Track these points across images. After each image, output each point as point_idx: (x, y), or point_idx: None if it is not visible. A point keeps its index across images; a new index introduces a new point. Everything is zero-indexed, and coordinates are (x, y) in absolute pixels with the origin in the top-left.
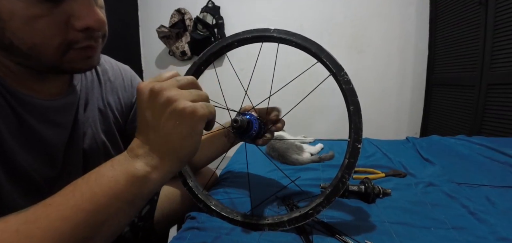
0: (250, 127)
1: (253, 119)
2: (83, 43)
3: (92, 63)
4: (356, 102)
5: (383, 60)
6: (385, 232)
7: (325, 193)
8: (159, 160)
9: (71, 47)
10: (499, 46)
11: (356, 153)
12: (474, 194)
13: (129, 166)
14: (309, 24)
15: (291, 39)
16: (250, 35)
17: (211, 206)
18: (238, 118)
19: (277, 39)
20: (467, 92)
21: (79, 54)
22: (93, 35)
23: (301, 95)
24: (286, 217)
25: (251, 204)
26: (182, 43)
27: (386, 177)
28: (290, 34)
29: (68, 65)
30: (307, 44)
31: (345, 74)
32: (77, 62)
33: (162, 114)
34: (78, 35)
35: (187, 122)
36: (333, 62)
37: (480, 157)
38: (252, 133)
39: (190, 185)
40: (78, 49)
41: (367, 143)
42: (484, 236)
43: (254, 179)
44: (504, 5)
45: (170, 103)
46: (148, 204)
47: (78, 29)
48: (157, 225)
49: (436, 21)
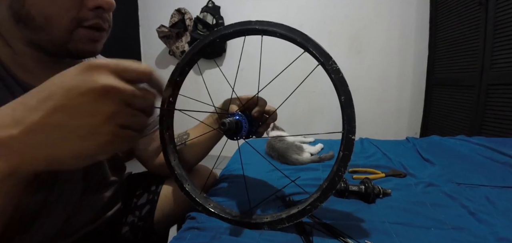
0: (240, 127)
1: (242, 119)
2: (92, 21)
3: (96, 48)
4: (347, 92)
5: (383, 60)
6: (385, 232)
7: (322, 188)
8: (21, 157)
9: (80, 24)
10: (499, 46)
11: (350, 145)
12: (474, 194)
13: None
14: (309, 24)
15: (274, 30)
16: (231, 30)
17: (210, 209)
18: (226, 120)
19: (259, 32)
20: (467, 93)
21: (87, 33)
22: (102, 16)
23: (300, 93)
24: (284, 214)
25: (249, 203)
26: (182, 43)
27: (386, 177)
28: (273, 24)
29: (74, 45)
30: (292, 34)
31: (334, 63)
32: (83, 43)
33: (81, 118)
34: (89, 14)
35: (94, 148)
36: (320, 51)
37: (480, 157)
38: (242, 133)
39: (187, 189)
40: (86, 28)
41: (367, 143)
42: (484, 236)
43: (253, 179)
44: (504, 5)
45: (105, 117)
46: (148, 204)
47: (90, 7)
48: (157, 225)
49: (436, 21)
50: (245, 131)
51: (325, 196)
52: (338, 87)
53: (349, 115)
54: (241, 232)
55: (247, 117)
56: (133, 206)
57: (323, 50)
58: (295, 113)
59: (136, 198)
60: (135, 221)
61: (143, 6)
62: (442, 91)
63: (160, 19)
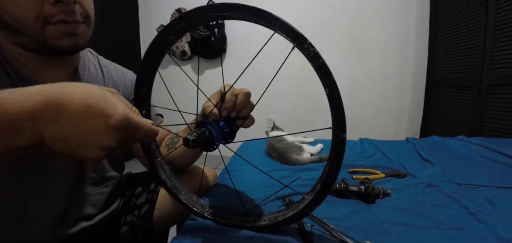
0: (212, 137)
1: (213, 128)
2: (58, 16)
3: (76, 41)
4: (331, 82)
5: (383, 60)
6: (385, 232)
7: (315, 190)
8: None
9: (48, 22)
10: (499, 47)
11: (342, 144)
12: (474, 194)
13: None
14: (309, 24)
15: (230, 13)
16: (183, 24)
17: (208, 216)
18: (189, 137)
19: (213, 18)
20: (467, 93)
21: (57, 29)
22: (65, 10)
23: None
24: (281, 216)
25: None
26: (182, 42)
27: (386, 178)
28: (228, 6)
29: (52, 42)
30: (248, 14)
31: (310, 46)
32: (58, 38)
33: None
34: (52, 10)
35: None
36: (292, 32)
37: (480, 158)
38: (216, 144)
39: (183, 201)
40: (55, 24)
41: (367, 143)
42: (483, 237)
43: (253, 179)
44: (504, 6)
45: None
46: (147, 203)
47: (51, 2)
48: (157, 224)
49: (436, 22)
50: (218, 137)
51: (318, 198)
52: (320, 77)
53: (336, 111)
54: (241, 231)
55: (226, 119)
56: (132, 205)
57: (295, 31)
58: (295, 114)
59: (135, 198)
60: (134, 220)
61: (143, 5)
62: (442, 91)
63: (160, 19)
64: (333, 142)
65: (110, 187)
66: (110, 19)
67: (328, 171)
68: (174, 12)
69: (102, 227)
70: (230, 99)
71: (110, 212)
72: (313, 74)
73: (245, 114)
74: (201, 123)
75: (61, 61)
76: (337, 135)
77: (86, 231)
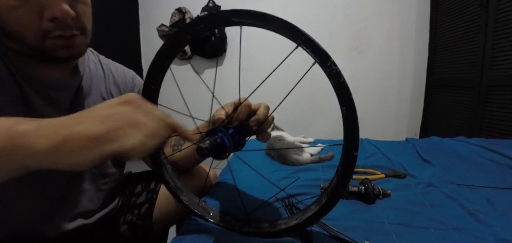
0: (223, 145)
1: (224, 136)
2: (56, 32)
3: (73, 52)
4: (350, 101)
5: (383, 61)
6: (385, 233)
7: (321, 203)
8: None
9: (47, 36)
10: (500, 47)
11: (352, 162)
12: (473, 195)
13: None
14: (309, 24)
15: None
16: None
17: (209, 219)
18: (202, 145)
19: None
20: (467, 94)
21: (55, 43)
22: (63, 26)
23: (300, 93)
24: (283, 224)
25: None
26: None
27: (386, 178)
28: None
29: (50, 53)
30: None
31: (333, 65)
32: (57, 51)
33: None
34: (50, 25)
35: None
36: (316, 48)
37: (480, 158)
38: (227, 153)
39: (184, 201)
40: (54, 39)
41: (367, 143)
42: (483, 237)
43: (253, 179)
44: (504, 6)
45: (136, 120)
46: (147, 203)
47: (47, 18)
48: (156, 224)
49: (436, 22)
50: (230, 146)
51: (323, 211)
52: (338, 95)
53: (351, 130)
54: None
55: (236, 127)
56: (132, 204)
57: (320, 48)
58: (295, 114)
59: (135, 197)
60: (133, 219)
61: (143, 5)
62: (442, 92)
63: (160, 18)
64: (344, 159)
65: (110, 184)
66: (110, 19)
67: (335, 185)
68: (174, 11)
69: (101, 226)
70: (244, 111)
71: (109, 211)
72: (313, 74)
73: (266, 128)
74: (212, 131)
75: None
76: (348, 152)
77: (85, 229)
